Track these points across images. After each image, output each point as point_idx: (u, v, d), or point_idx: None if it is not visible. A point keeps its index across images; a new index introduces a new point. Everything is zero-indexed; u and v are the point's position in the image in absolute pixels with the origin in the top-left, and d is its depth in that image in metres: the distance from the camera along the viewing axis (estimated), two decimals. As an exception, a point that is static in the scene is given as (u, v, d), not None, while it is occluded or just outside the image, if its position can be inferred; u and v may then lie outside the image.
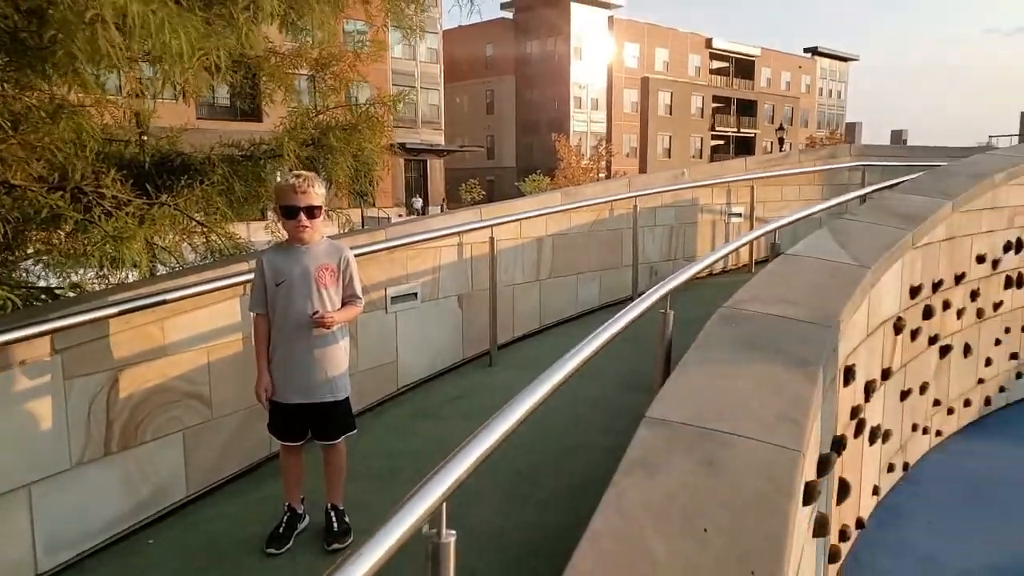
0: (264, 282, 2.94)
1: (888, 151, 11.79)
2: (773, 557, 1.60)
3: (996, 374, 6.10)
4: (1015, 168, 6.07)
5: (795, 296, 3.18)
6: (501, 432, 1.69)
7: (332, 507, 3.02)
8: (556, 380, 2.05)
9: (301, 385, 2.93)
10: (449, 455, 1.56)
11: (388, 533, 1.24)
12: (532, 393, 1.92)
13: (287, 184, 2.92)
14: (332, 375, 2.96)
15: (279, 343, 2.94)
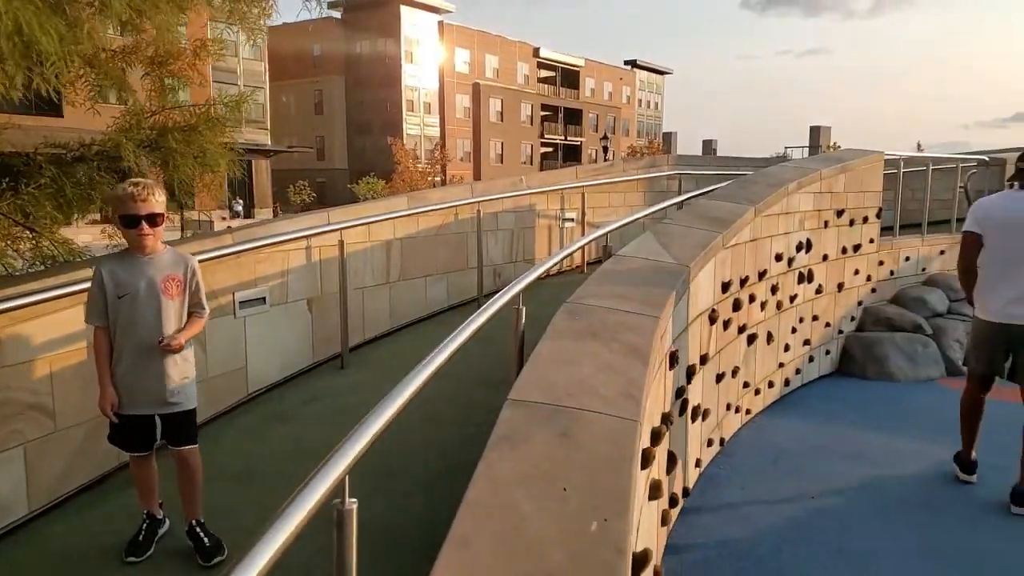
0: (103, 294, 2.84)
1: (700, 161, 12.98)
2: (621, 508, 1.89)
3: (793, 359, 6.98)
4: (804, 178, 6.98)
5: (627, 292, 3.58)
6: (394, 409, 1.89)
7: (196, 523, 3.02)
8: (439, 362, 2.28)
9: (150, 396, 2.91)
10: (349, 433, 1.73)
11: (302, 503, 1.40)
12: (419, 373, 2.13)
13: (125, 192, 2.83)
14: (181, 384, 2.97)
15: (124, 355, 2.87)
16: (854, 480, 4.80)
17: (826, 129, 25.40)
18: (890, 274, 8.70)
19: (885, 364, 7.61)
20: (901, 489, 4.71)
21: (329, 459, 1.60)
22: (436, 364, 2.31)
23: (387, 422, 1.83)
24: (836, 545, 3.90)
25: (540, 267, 3.82)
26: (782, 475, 4.91)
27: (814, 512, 4.30)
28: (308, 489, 1.44)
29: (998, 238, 4.42)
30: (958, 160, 10.16)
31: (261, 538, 1.29)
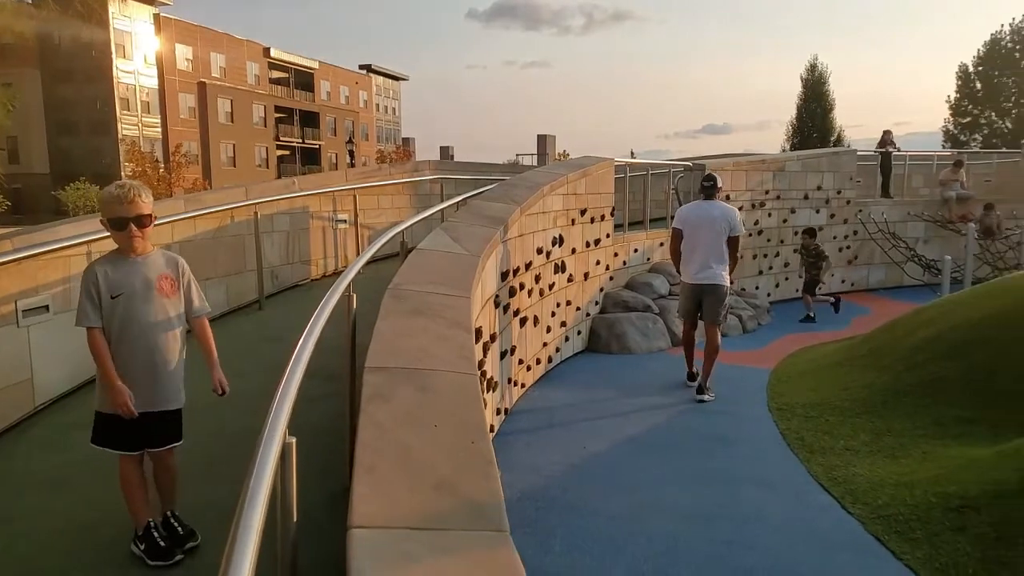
0: (98, 295, 2.86)
1: (458, 167, 13.86)
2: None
3: (554, 338, 7.97)
4: (555, 182, 7.99)
5: (438, 278, 4.10)
6: (304, 362, 2.25)
7: (171, 514, 3.07)
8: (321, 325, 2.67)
9: (147, 394, 2.92)
10: (280, 383, 2.07)
11: (270, 439, 1.74)
12: (308, 339, 2.48)
13: (112, 195, 2.86)
14: (176, 382, 3.02)
15: (118, 355, 2.88)
16: (595, 432, 5.73)
17: (551, 138, 27.58)
18: (623, 264, 10.14)
19: (625, 340, 8.92)
20: (651, 432, 5.77)
21: (277, 401, 1.94)
22: (318, 330, 2.66)
23: (302, 373, 2.20)
24: (609, 481, 4.77)
25: (361, 260, 4.20)
26: (558, 433, 5.74)
27: (588, 458, 5.16)
28: (271, 427, 1.79)
29: (690, 232, 6.93)
30: (670, 166, 12.04)
31: (252, 468, 1.63)
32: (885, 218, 13.92)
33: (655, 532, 3.96)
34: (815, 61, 43.33)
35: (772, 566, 3.58)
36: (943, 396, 5.78)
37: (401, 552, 1.75)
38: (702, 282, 6.75)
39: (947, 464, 4.46)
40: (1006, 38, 40.77)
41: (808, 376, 7.21)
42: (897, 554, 3.63)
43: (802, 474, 4.78)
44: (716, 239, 6.71)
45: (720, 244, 6.72)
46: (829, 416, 5.86)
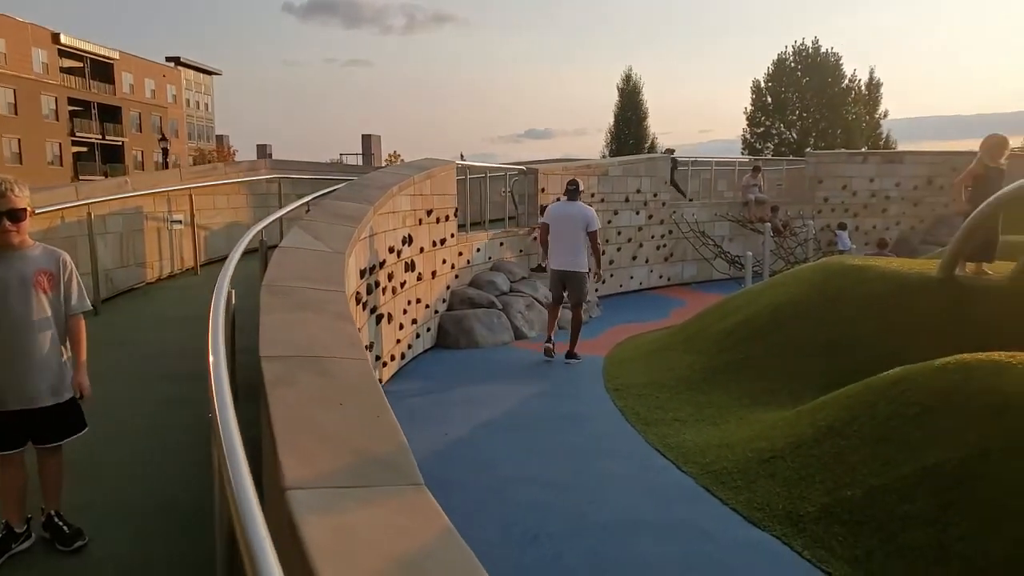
0: None
1: (296, 166, 13.65)
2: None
3: (406, 335, 8.22)
4: (403, 182, 8.24)
5: (310, 275, 4.26)
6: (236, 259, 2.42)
7: (55, 513, 2.99)
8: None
9: (21, 391, 2.83)
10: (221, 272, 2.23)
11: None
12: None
13: None
14: (52, 378, 2.92)
15: None
16: (454, 420, 6.06)
17: (377, 137, 27.55)
18: (467, 263, 10.55)
19: (472, 335, 9.33)
20: (505, 417, 6.20)
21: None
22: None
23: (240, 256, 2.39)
24: (473, 460, 5.12)
25: (238, 253, 4.26)
26: (418, 424, 6.01)
27: (450, 443, 5.49)
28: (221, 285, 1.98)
29: (555, 227, 8.19)
30: (506, 170, 12.63)
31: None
32: (696, 219, 15.39)
33: (520, 499, 4.37)
34: (630, 72, 46.39)
35: (623, 518, 4.10)
36: (751, 371, 6.69)
37: (335, 506, 1.99)
38: (564, 268, 8.15)
39: (758, 426, 5.24)
40: (790, 58, 45.85)
41: (638, 360, 7.98)
42: (724, 500, 4.27)
43: (641, 443, 5.40)
44: (576, 233, 8.05)
45: (579, 237, 8.05)
46: (659, 393, 6.59)
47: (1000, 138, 7.53)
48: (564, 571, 3.52)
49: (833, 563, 3.56)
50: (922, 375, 4.51)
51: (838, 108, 44.33)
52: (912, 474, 3.89)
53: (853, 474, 4.08)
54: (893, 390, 4.55)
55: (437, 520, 1.96)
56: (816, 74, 44.62)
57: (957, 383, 4.22)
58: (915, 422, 4.18)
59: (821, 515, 3.90)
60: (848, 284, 7.24)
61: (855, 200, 17.55)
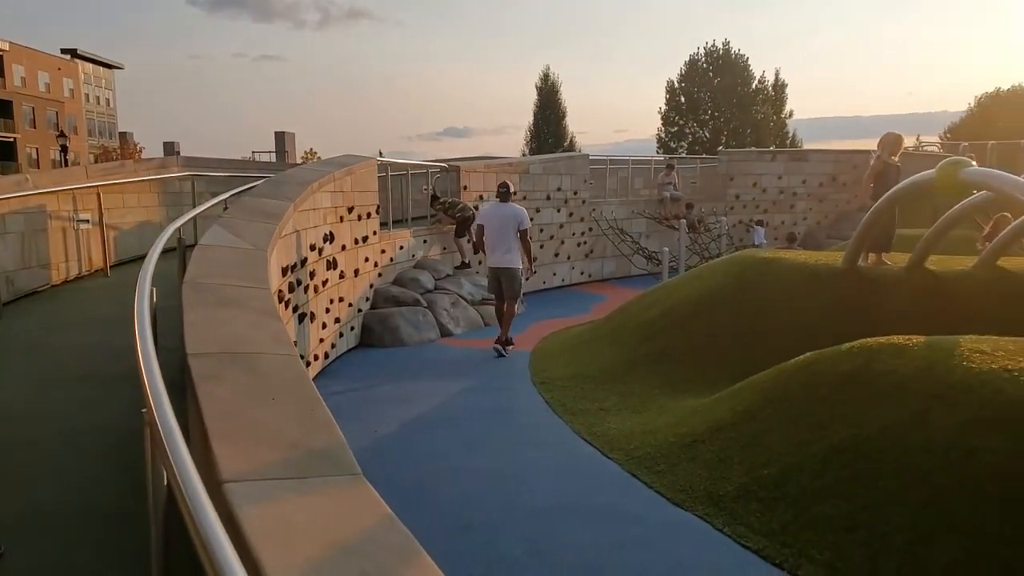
0: None
1: (208, 164, 13.23)
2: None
3: (329, 335, 8.11)
4: (323, 179, 8.13)
5: (232, 272, 4.18)
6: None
7: None
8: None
9: None
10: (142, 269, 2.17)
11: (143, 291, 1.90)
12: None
13: None
14: None
15: None
16: (383, 417, 6.04)
17: (291, 135, 27.00)
18: (390, 260, 10.49)
19: (397, 333, 9.29)
20: (433, 413, 6.21)
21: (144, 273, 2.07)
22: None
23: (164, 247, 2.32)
24: (404, 456, 5.13)
25: (158, 250, 4.13)
26: (345, 423, 5.91)
27: (380, 440, 5.48)
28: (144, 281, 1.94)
29: (489, 228, 8.66)
30: (428, 167, 12.60)
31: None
32: (614, 216, 15.73)
33: (452, 491, 4.41)
34: (548, 71, 46.90)
35: (554, 505, 4.20)
36: (671, 361, 6.92)
37: (274, 497, 1.99)
38: (499, 265, 8.60)
39: (679, 412, 5.44)
40: (702, 59, 47.32)
41: (563, 354, 8.13)
42: (649, 484, 4.43)
43: (568, 433, 5.52)
44: (509, 232, 8.50)
45: (512, 236, 8.51)
46: (584, 385, 6.74)
47: (896, 136, 8.04)
48: (498, 556, 3.59)
49: (751, 538, 3.74)
50: (830, 359, 4.78)
51: (748, 108, 46.04)
52: (822, 451, 4.12)
53: (768, 454, 4.30)
54: (803, 374, 4.81)
55: (377, 507, 1.98)
56: (727, 75, 46.21)
57: (861, 365, 4.50)
58: (824, 403, 4.44)
59: (740, 494, 4.09)
60: (760, 276, 7.58)
61: (765, 197, 18.30)
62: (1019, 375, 3.71)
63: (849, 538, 3.53)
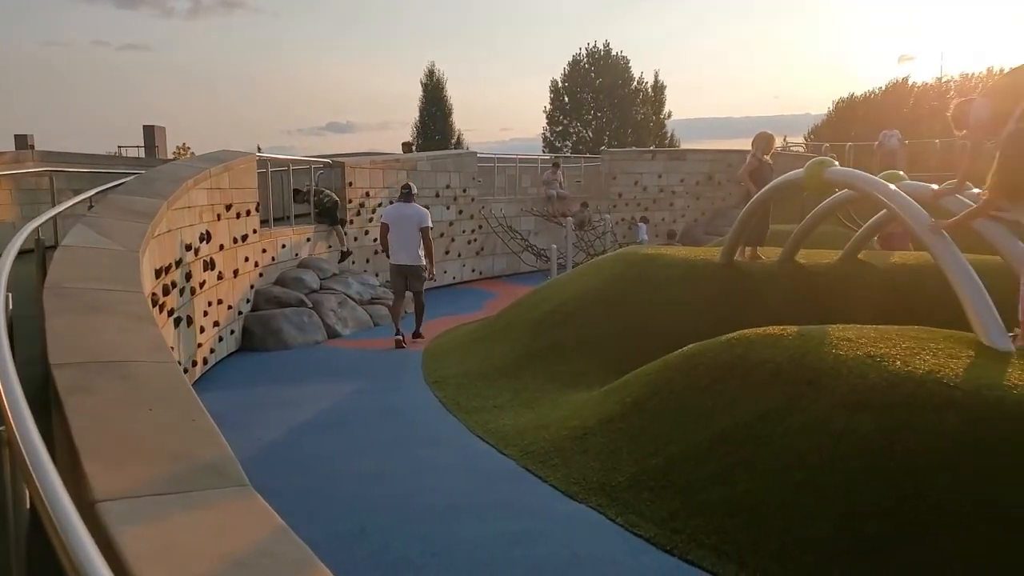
0: None
1: (69, 159, 12.31)
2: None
3: (208, 339, 7.73)
4: (199, 175, 7.74)
5: (100, 275, 3.90)
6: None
7: None
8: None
9: None
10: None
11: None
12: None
13: None
14: None
15: None
16: (268, 423, 5.82)
17: (160, 129, 25.57)
18: (272, 260, 10.12)
19: (281, 335, 8.97)
20: (322, 416, 6.04)
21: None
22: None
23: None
24: (291, 462, 4.95)
25: (13, 251, 3.79)
26: (229, 431, 5.66)
27: (265, 447, 5.26)
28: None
29: (393, 227, 9.03)
30: (311, 163, 12.24)
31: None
32: (503, 213, 15.84)
33: (344, 496, 4.30)
34: (432, 67, 46.61)
35: (449, 503, 4.17)
36: (561, 356, 7.03)
37: (155, 514, 1.86)
38: (404, 263, 9.01)
39: (571, 406, 5.54)
40: (584, 60, 48.39)
41: (456, 352, 8.10)
42: (543, 478, 4.47)
43: (463, 431, 5.50)
44: (412, 231, 8.93)
45: (415, 235, 8.94)
46: (477, 382, 6.74)
47: (768, 136, 8.54)
48: (393, 559, 3.52)
49: (643, 526, 3.85)
50: (711, 350, 4.99)
51: (628, 108, 47.47)
52: (705, 439, 4.30)
53: (656, 444, 4.44)
54: (686, 365, 5.00)
55: (268, 519, 1.89)
56: (608, 75, 47.46)
57: (740, 355, 4.72)
58: (706, 393, 4.63)
59: (631, 483, 4.20)
60: (643, 271, 7.83)
61: (646, 195, 18.94)
62: (880, 360, 4.00)
63: (733, 521, 3.70)
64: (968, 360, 3.90)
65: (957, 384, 3.57)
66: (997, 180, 4.45)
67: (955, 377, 3.64)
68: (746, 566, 3.40)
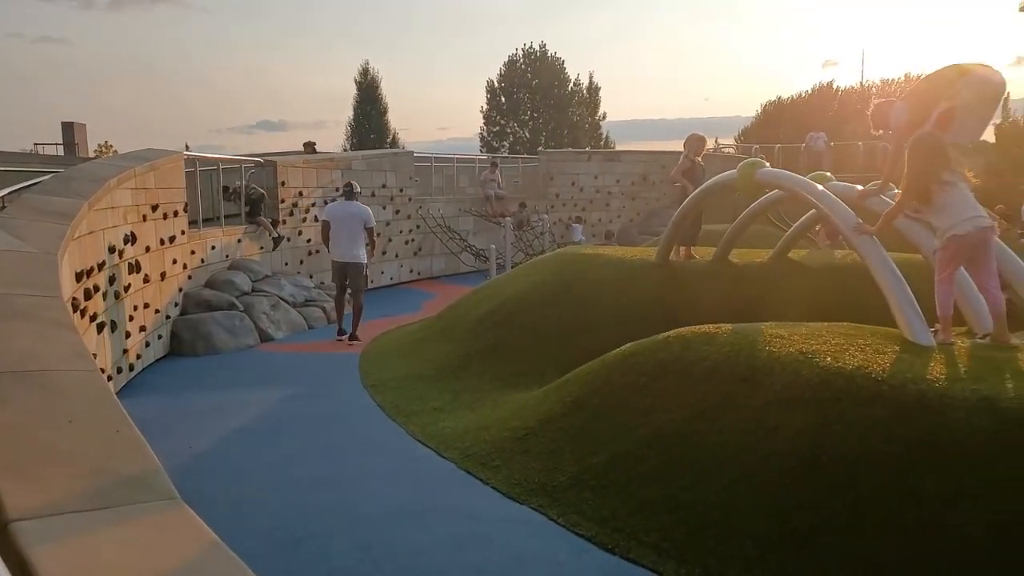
0: None
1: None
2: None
3: (133, 345, 7.42)
4: (122, 175, 7.43)
5: (14, 279, 3.68)
6: None
7: None
8: None
9: None
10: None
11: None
12: None
13: None
14: None
15: None
16: (199, 432, 5.62)
17: (80, 126, 24.54)
18: (201, 262, 9.80)
19: (211, 340, 8.69)
20: (256, 423, 5.86)
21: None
22: None
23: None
24: (225, 471, 4.79)
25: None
26: (158, 440, 5.44)
27: (197, 457, 5.08)
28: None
29: (335, 224, 9.16)
30: (241, 162, 11.91)
31: None
32: (441, 213, 15.75)
33: (280, 505, 4.18)
34: (367, 65, 46.04)
35: (389, 510, 4.10)
36: (502, 356, 7.02)
37: (77, 532, 1.76)
38: (345, 260, 9.11)
39: (511, 407, 5.52)
40: (520, 60, 48.56)
41: (394, 354, 8.00)
42: (484, 480, 4.44)
43: (402, 435, 5.42)
44: (355, 229, 9.07)
45: (358, 233, 9.09)
46: (417, 384, 6.67)
47: (700, 137, 8.73)
48: (331, 569, 3.43)
49: (584, 525, 3.86)
50: (649, 348, 5.05)
51: (564, 109, 47.87)
52: (644, 437, 4.35)
53: (597, 443, 4.46)
54: (625, 363, 5.05)
55: (200, 533, 1.81)
56: (544, 76, 47.75)
57: (677, 354, 4.79)
58: (645, 391, 4.68)
59: (572, 483, 4.21)
60: (582, 271, 7.89)
61: (583, 195, 19.12)
62: (812, 357, 4.12)
63: (672, 518, 3.74)
64: (894, 355, 4.04)
65: (884, 379, 3.70)
66: (906, 184, 4.62)
67: (882, 372, 3.76)
68: (685, 562, 3.44)
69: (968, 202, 4.39)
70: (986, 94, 4.95)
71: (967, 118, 4.91)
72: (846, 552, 3.26)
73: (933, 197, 4.42)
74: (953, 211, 4.36)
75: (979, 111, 5.02)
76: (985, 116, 5.20)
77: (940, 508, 3.20)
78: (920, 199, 4.54)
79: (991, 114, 5.44)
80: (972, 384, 3.51)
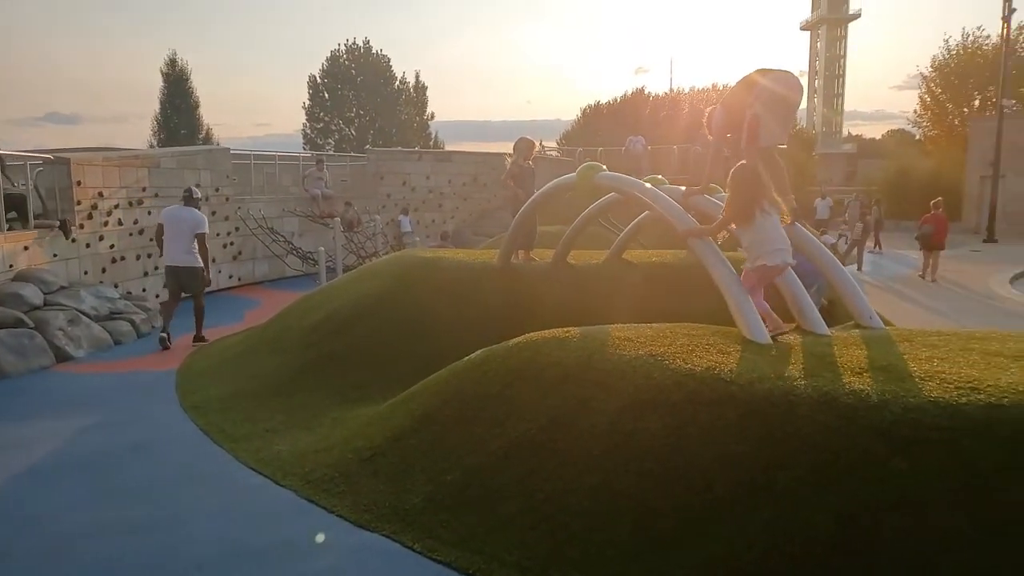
0: None
1: None
2: None
3: None
4: None
5: None
6: None
7: None
8: None
9: None
10: None
11: None
12: None
13: None
14: None
15: None
16: (13, 466, 4.87)
17: None
18: (-21, 273, 8.48)
19: (-5, 362, 7.52)
20: (54, 459, 5.06)
21: None
22: None
23: None
24: (11, 516, 4.05)
25: None
26: None
27: None
28: None
29: (168, 228, 9.08)
30: (27, 158, 10.47)
31: None
32: (263, 214, 14.82)
33: (87, 557, 3.57)
34: (175, 56, 42.76)
35: (222, 552, 3.63)
36: (339, 368, 6.60)
37: None
38: (178, 264, 9.07)
39: (354, 424, 5.16)
40: (343, 56, 47.19)
41: (216, 370, 7.31)
42: (329, 509, 4.07)
43: (231, 463, 4.89)
44: (187, 234, 9.01)
45: (191, 238, 9.02)
46: (245, 403, 6.09)
47: (529, 141, 8.85)
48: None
49: (441, 549, 3.63)
50: (499, 355, 4.89)
51: (392, 108, 47.18)
52: (499, 448, 4.18)
53: (451, 458, 4.24)
54: (476, 372, 4.86)
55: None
56: (369, 73, 46.77)
57: (528, 359, 4.67)
58: (498, 399, 4.51)
59: (426, 504, 3.96)
60: (423, 275, 7.62)
61: (415, 195, 18.81)
62: (662, 359, 4.14)
63: (534, 533, 3.60)
64: (738, 355, 4.15)
65: (733, 379, 3.76)
66: (729, 210, 4.89)
67: (731, 372, 3.84)
68: (551, 579, 3.30)
69: (779, 235, 4.76)
70: (783, 97, 5.25)
71: (769, 119, 5.18)
72: (707, 555, 3.26)
73: (755, 222, 4.71)
74: (767, 240, 4.70)
75: (781, 112, 5.31)
76: (787, 117, 5.51)
77: (792, 502, 3.28)
78: (740, 223, 4.82)
79: (792, 116, 5.82)
80: (813, 381, 3.65)
